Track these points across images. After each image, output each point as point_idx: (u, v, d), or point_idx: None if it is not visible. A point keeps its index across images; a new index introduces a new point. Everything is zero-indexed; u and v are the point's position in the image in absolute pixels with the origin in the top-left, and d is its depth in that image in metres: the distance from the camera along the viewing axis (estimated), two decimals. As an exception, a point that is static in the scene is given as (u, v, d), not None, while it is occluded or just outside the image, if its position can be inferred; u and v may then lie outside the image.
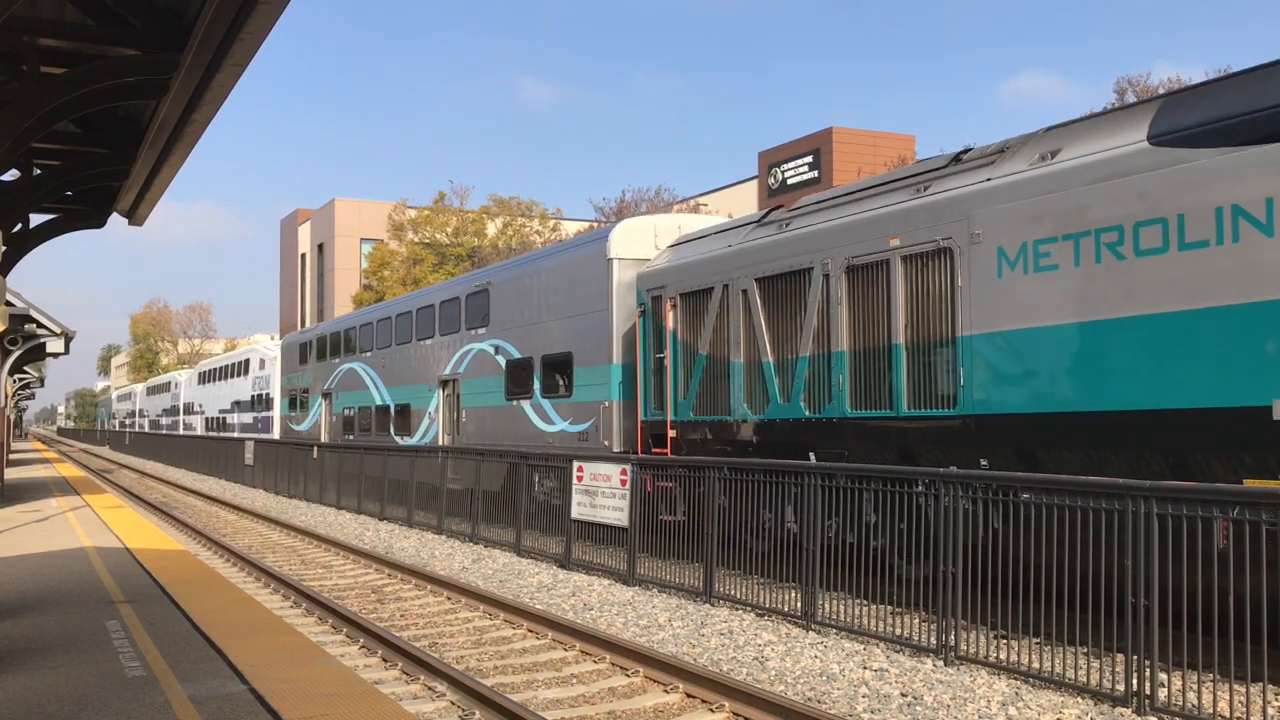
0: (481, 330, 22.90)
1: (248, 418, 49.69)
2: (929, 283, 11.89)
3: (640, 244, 18.60)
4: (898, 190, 12.97)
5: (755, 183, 54.41)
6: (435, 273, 59.36)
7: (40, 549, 15.99)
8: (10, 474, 35.86)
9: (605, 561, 14.98)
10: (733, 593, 12.46)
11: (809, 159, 50.55)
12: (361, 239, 73.23)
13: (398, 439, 27.00)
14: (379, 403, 29.22)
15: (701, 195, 54.98)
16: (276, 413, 42.82)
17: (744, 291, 14.89)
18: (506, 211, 61.82)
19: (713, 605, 12.42)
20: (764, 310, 14.54)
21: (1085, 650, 8.96)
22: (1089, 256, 10.11)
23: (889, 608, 10.70)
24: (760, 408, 14.63)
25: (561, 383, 19.73)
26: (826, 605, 11.10)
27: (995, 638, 9.73)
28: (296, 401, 37.94)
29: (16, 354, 24.49)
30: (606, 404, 18.20)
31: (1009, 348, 10.89)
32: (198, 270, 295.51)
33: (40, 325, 23.53)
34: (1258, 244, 8.81)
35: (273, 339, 63.62)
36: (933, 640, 9.81)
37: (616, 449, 17.79)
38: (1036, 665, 8.94)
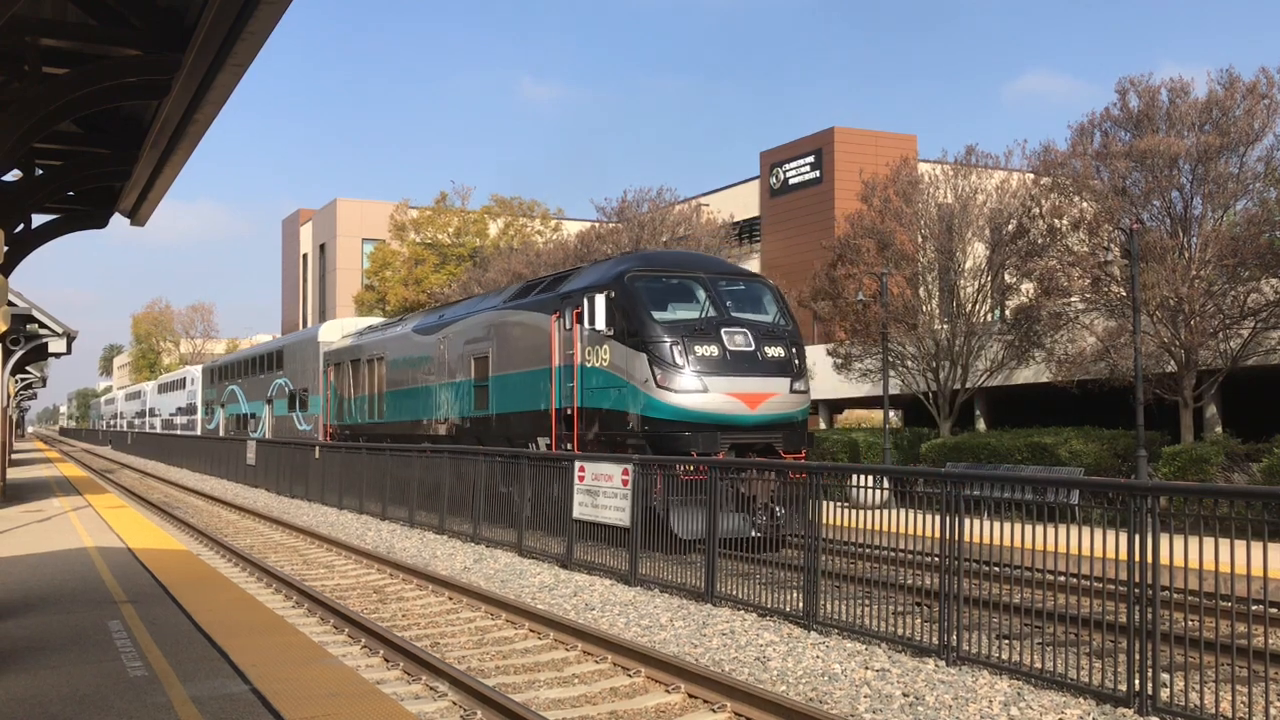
0: (280, 372, 41.87)
1: (183, 419, 67.64)
2: (378, 371, 29.32)
3: (334, 334, 36.36)
4: (385, 330, 30.64)
5: (757, 183, 54.39)
6: (437, 273, 59.36)
7: (42, 549, 15.99)
8: (12, 474, 35.86)
9: (607, 562, 14.99)
10: (735, 593, 12.47)
11: (811, 159, 50.51)
12: (363, 239, 73.19)
13: (250, 434, 44.06)
14: (242, 411, 48.00)
15: (703, 195, 54.95)
16: (199, 416, 60.99)
17: (351, 364, 31.78)
18: (508, 212, 61.79)
19: (715, 606, 12.42)
20: (359, 371, 30.97)
21: (1088, 650, 8.96)
22: (401, 362, 27.65)
23: (891, 608, 10.70)
24: (353, 418, 31.45)
25: (305, 404, 37.94)
26: (828, 606, 11.10)
27: (997, 638, 9.73)
28: (208, 409, 57.00)
29: (18, 354, 24.51)
30: (317, 415, 35.75)
31: (401, 400, 27.73)
32: (200, 270, 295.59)
33: (42, 325, 23.54)
34: (445, 365, 24.18)
35: (272, 339, 65.44)
36: (935, 640, 9.81)
37: (322, 439, 32.91)
38: (1039, 665, 8.93)
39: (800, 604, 11.39)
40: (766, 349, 17.61)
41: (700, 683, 8.79)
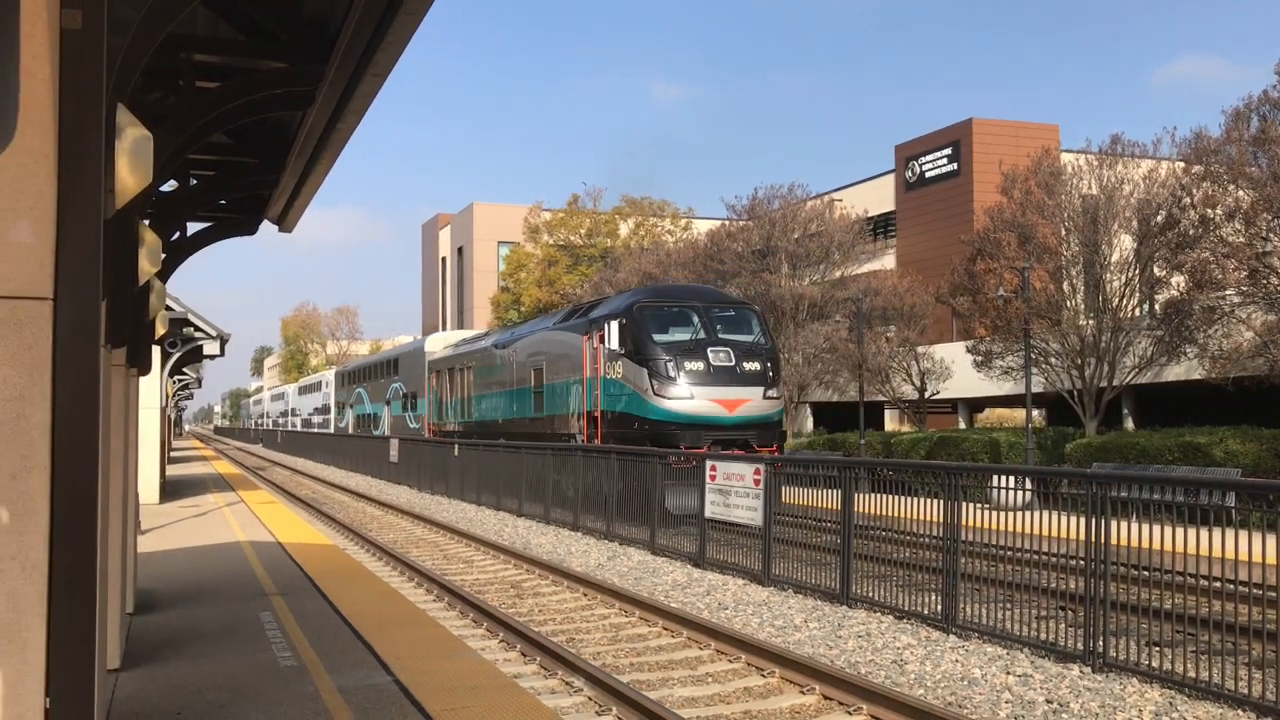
0: (396, 378, 48.58)
1: (319, 419, 76.10)
2: (467, 378, 34.74)
3: (438, 345, 42.10)
4: (474, 343, 36.30)
5: (892, 177, 53.49)
6: (570, 274, 60.09)
7: (199, 542, 16.75)
8: (171, 471, 37.66)
9: (739, 561, 14.94)
10: (870, 595, 12.29)
11: (948, 151, 49.43)
12: (499, 242, 74.59)
13: (373, 431, 51.92)
14: (367, 412, 55.53)
15: (836, 191, 54.32)
16: (332, 415, 69.28)
17: (448, 371, 37.38)
18: (638, 212, 62.19)
19: (850, 607, 12.26)
20: (453, 378, 36.42)
21: (1247, 661, 8.54)
22: (483, 370, 32.93)
23: (1034, 612, 10.39)
24: (449, 418, 36.82)
25: (415, 405, 43.81)
26: (968, 609, 10.85)
27: (1147, 644, 9.36)
28: (340, 409, 65.60)
29: (176, 356, 25.64)
30: (423, 415, 41.50)
31: (482, 402, 33.01)
32: (344, 273, 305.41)
33: (197, 328, 24.53)
34: (512, 375, 29.91)
35: (414, 340, 67.98)
36: (1080, 646, 9.49)
37: (427, 435, 38.94)
38: (1193, 674, 8.55)
39: (939, 606, 11.16)
40: (745, 364, 21.62)
41: (835, 684, 8.69)
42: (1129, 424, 32.22)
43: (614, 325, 22.38)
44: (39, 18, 3.38)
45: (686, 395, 21.00)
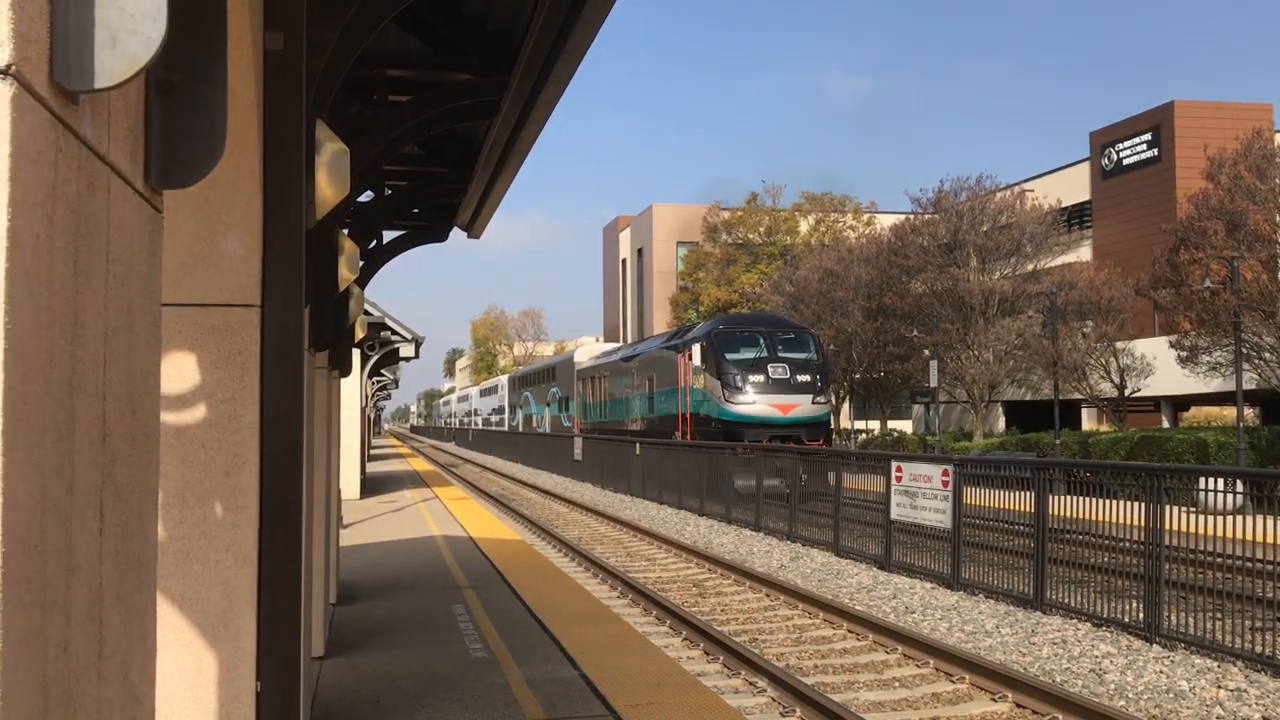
0: (554, 383, 56.87)
1: (496, 418, 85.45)
2: (603, 385, 42.62)
3: (584, 356, 50.94)
4: (609, 356, 45.16)
5: (1087, 165, 51.21)
6: (749, 272, 59.93)
7: (396, 536, 17.45)
8: (371, 468, 39.39)
9: (926, 564, 14.59)
10: (1066, 600, 11.80)
11: (1147, 136, 46.98)
12: (678, 242, 75.03)
13: (536, 429, 60.42)
14: (532, 412, 64.66)
15: (1027, 181, 52.39)
16: (505, 416, 78.87)
17: (592, 378, 44.98)
18: (819, 208, 61.50)
19: (1044, 613, 11.81)
20: (594, 384, 44.38)
21: None
22: (614, 378, 40.87)
23: (1246, 622, 9.77)
24: (591, 419, 44.20)
25: (567, 407, 51.74)
26: (1173, 617, 10.29)
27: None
28: (511, 410, 75.01)
29: (374, 359, 26.76)
30: (574, 416, 49.17)
31: (613, 405, 40.85)
32: (529, 276, 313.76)
33: (394, 332, 25.47)
34: (634, 383, 37.36)
35: (597, 340, 70.15)
36: (1300, 661, 8.87)
37: (576, 431, 44.50)
38: None
39: (1140, 614, 10.63)
40: (798, 376, 27.64)
41: (1029, 693, 8.38)
42: (1355, 423, 29.93)
43: (697, 346, 29.06)
44: (244, 40, 3.60)
45: (750, 401, 27.02)
